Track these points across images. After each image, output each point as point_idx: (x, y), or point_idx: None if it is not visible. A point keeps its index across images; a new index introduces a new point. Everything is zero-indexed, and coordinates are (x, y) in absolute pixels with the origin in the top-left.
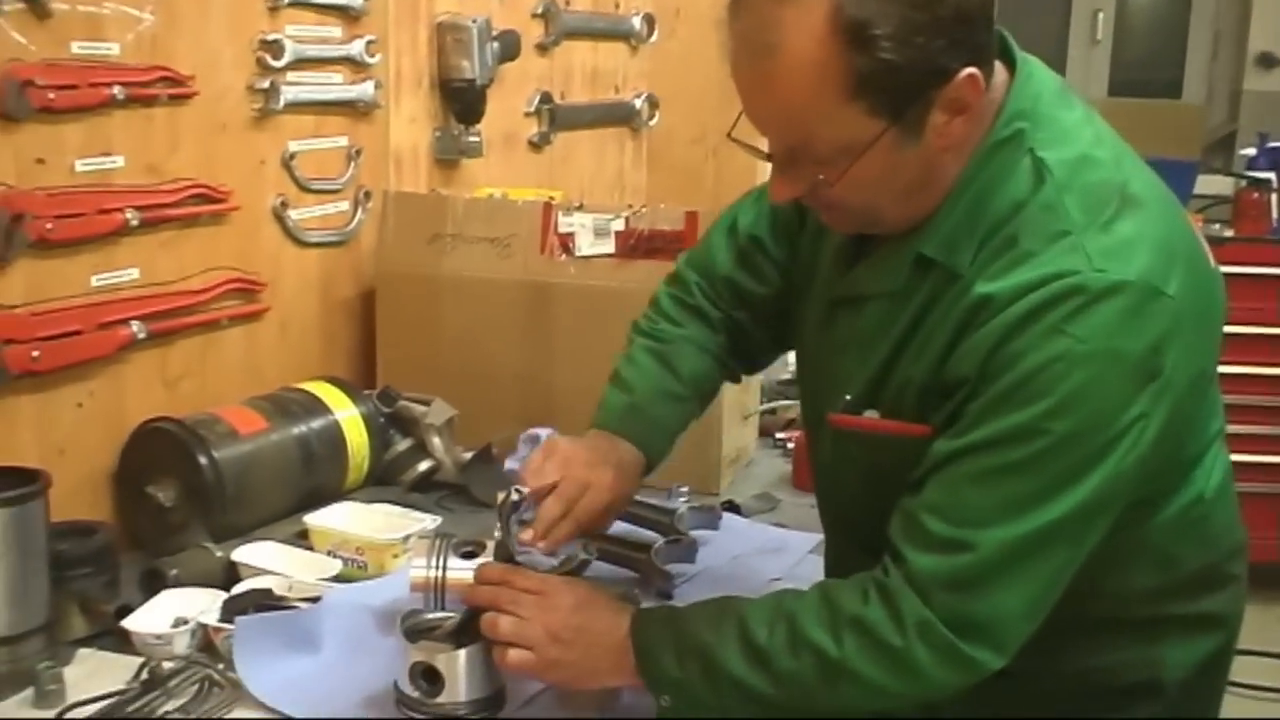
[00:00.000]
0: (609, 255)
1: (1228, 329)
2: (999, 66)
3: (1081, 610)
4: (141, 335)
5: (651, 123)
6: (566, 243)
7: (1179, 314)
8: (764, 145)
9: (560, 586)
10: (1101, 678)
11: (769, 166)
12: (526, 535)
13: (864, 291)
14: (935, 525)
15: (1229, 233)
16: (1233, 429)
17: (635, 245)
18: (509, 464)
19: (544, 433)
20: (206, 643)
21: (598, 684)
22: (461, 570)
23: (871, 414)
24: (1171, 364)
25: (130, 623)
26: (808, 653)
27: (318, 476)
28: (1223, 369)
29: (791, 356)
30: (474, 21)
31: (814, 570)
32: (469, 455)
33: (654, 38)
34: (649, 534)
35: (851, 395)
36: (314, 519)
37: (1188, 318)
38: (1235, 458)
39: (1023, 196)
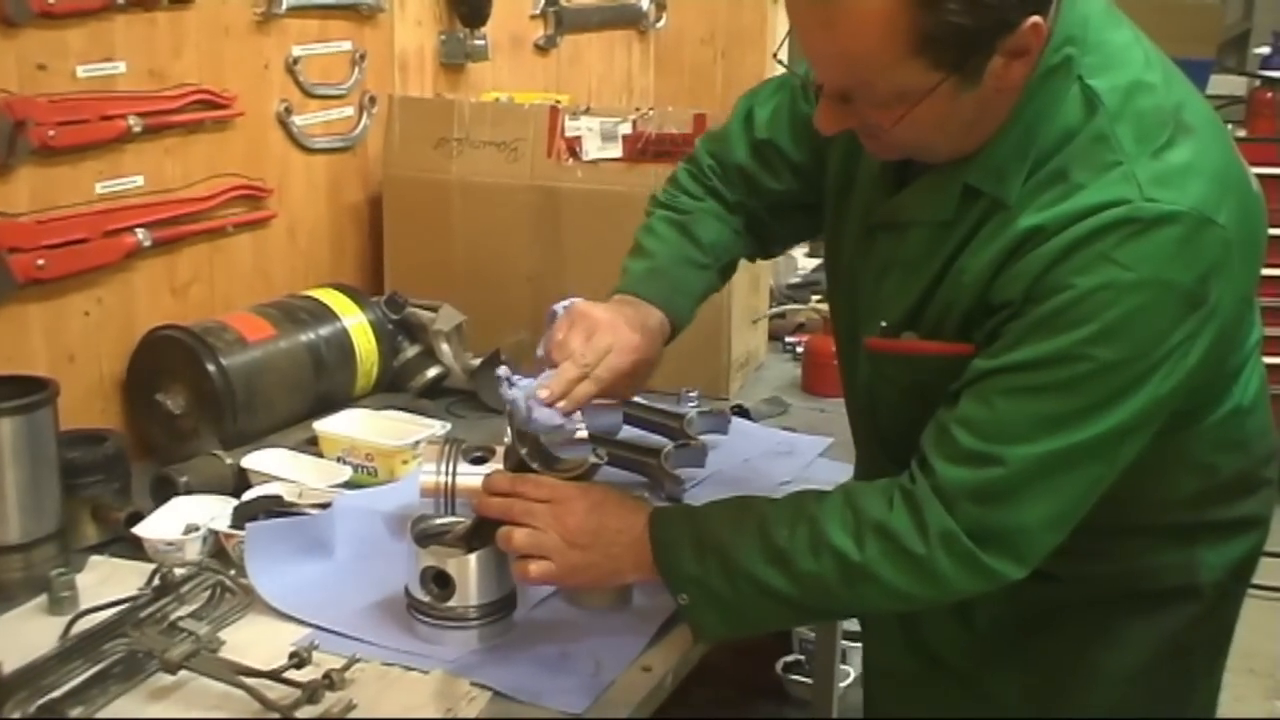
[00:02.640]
0: (616, 159)
1: None
2: None
3: (1122, 515)
4: (147, 243)
5: (659, 24)
6: (574, 146)
7: (1229, 243)
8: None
9: (571, 491)
10: (1141, 581)
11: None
12: (544, 393)
13: (908, 218)
14: (966, 438)
15: (1242, 133)
16: None
17: (643, 149)
18: (539, 350)
19: (564, 305)
20: (218, 549)
21: (619, 581)
22: (471, 475)
23: (910, 335)
24: (1218, 293)
25: (142, 529)
26: (829, 555)
27: (326, 383)
28: None
29: (803, 260)
30: None
31: (824, 473)
32: (478, 361)
33: None
34: (659, 438)
35: (889, 321)
36: (323, 425)
37: (1236, 246)
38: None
39: (1073, 126)
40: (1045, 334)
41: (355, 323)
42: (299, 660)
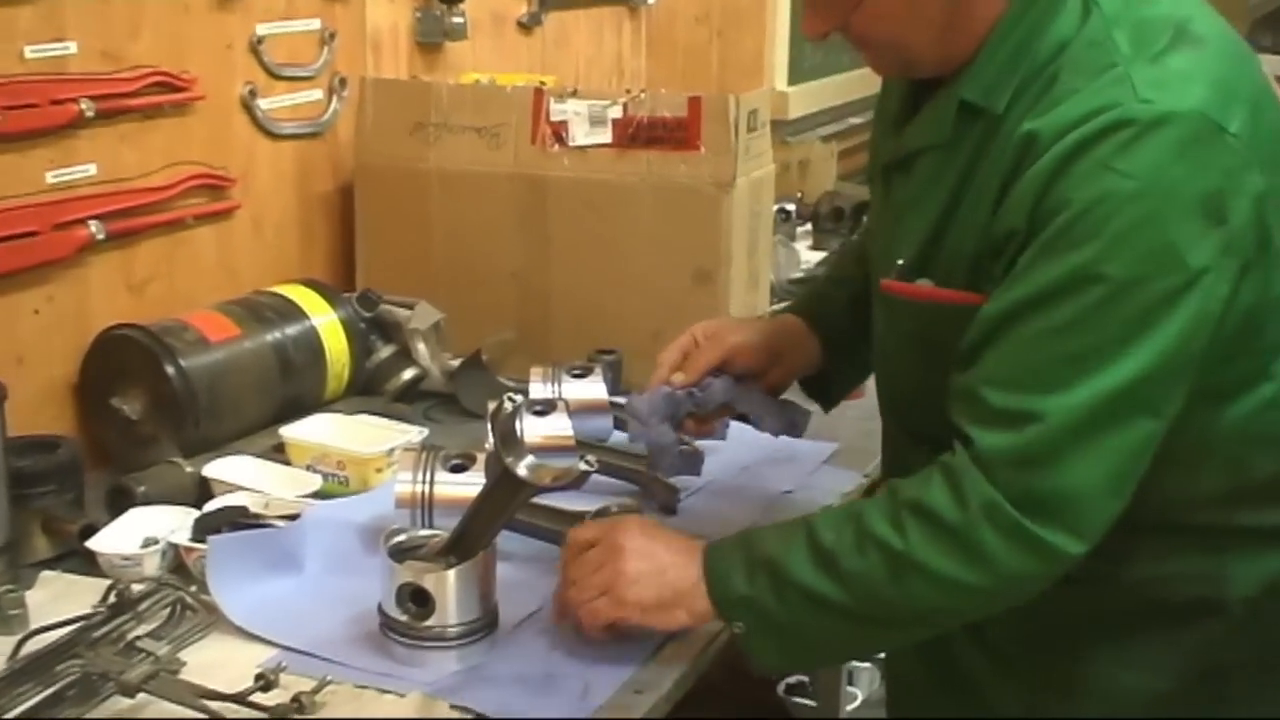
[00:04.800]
0: (606, 145)
1: None
2: None
3: (1143, 511)
4: (101, 236)
5: (651, 1)
6: (560, 132)
7: (1244, 157)
8: None
9: (620, 531)
10: (1161, 590)
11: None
12: (679, 378)
13: (913, 147)
14: (995, 397)
15: None
16: None
17: (634, 134)
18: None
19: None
20: (178, 564)
21: (674, 623)
22: (450, 485)
23: (925, 282)
24: (1239, 213)
25: (96, 543)
26: (873, 548)
27: (295, 386)
28: None
29: (806, 253)
30: None
31: (829, 481)
32: (457, 362)
33: None
34: None
35: (905, 260)
36: (291, 431)
37: (1255, 165)
38: None
39: (1068, 34)
40: (1052, 259)
41: (325, 321)
42: (266, 683)
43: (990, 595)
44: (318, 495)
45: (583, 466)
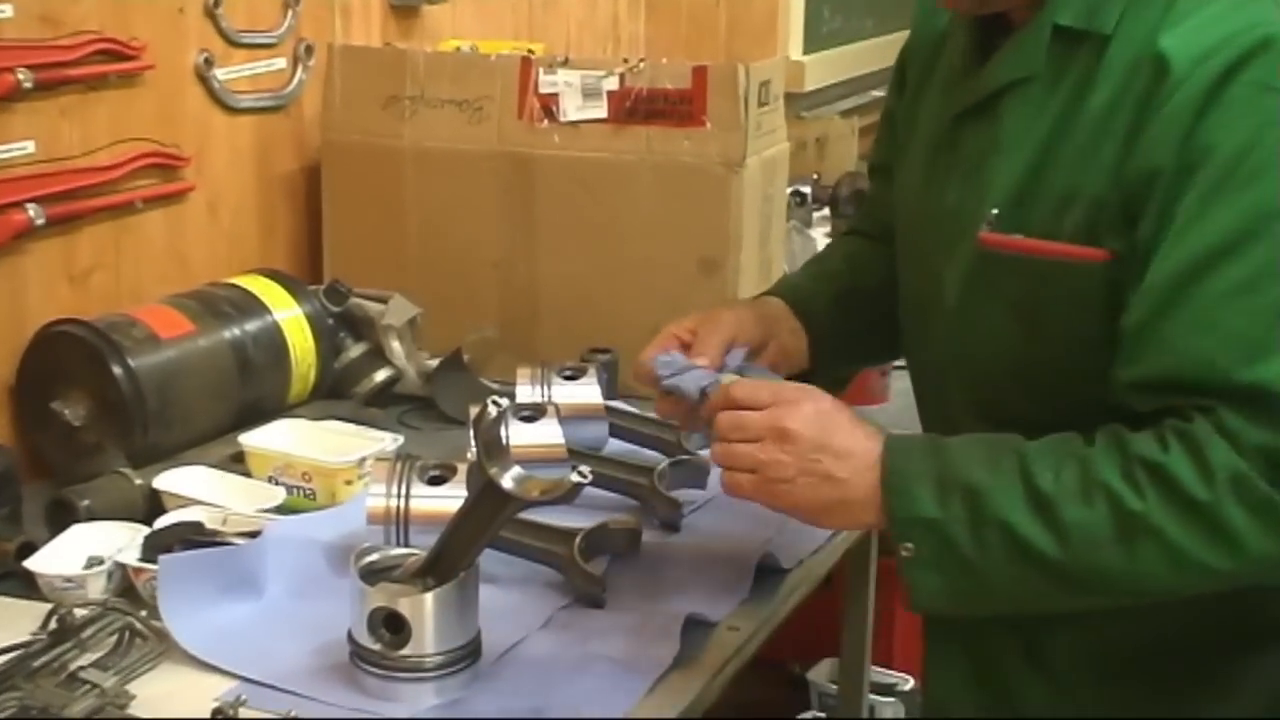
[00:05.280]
0: (601, 120)
1: None
2: None
3: None
4: (40, 221)
5: None
6: (549, 105)
7: None
8: None
9: (796, 394)
10: (1249, 609)
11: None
12: (703, 361)
13: (996, 86)
14: (1222, 367)
15: None
16: None
17: (632, 108)
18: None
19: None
20: (126, 586)
21: (837, 520)
22: (428, 499)
23: (1020, 236)
24: None
25: (35, 563)
26: (1102, 499)
27: (255, 389)
28: None
29: (822, 241)
30: None
31: None
32: (435, 362)
33: None
34: (651, 454)
35: (999, 209)
36: (251, 439)
37: None
38: None
39: None
40: (1222, 203)
41: (289, 317)
42: (223, 718)
43: (1227, 578)
44: (281, 510)
45: (575, 478)
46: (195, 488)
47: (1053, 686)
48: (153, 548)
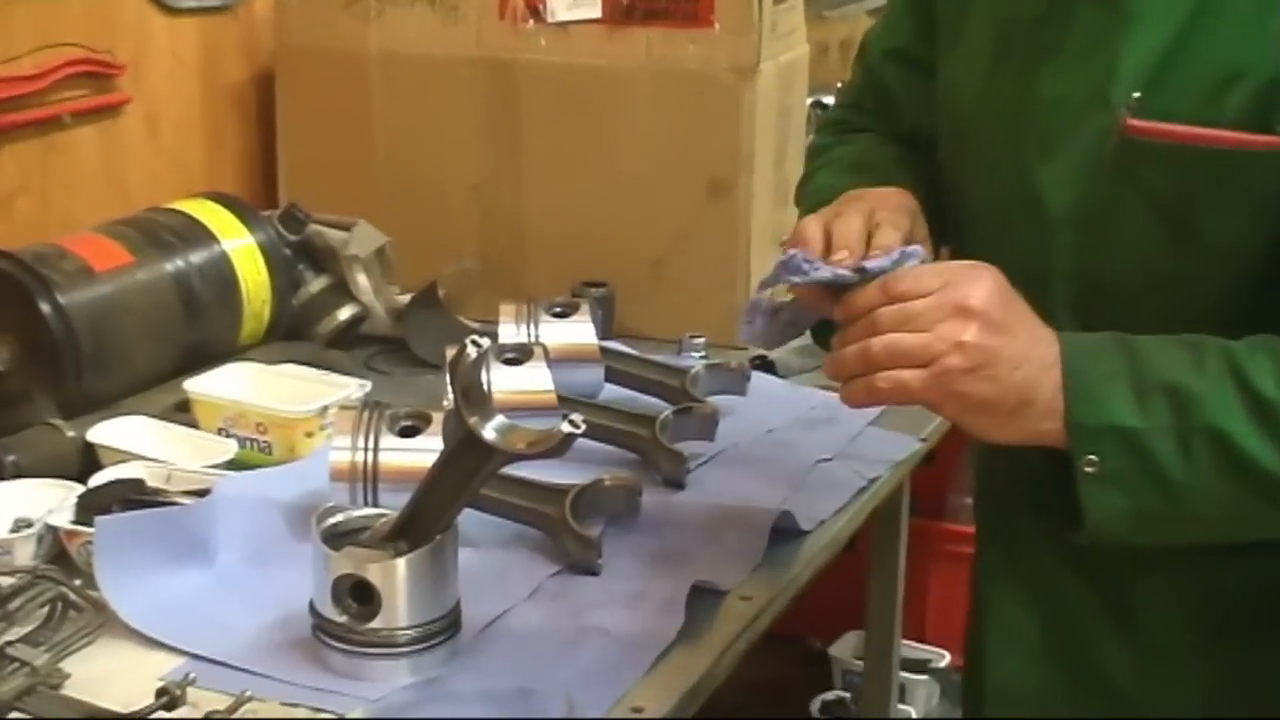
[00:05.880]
0: (594, 20)
1: None
2: None
3: None
4: None
5: None
6: (535, 3)
7: None
8: None
9: (967, 273)
10: None
11: None
12: (841, 256)
13: None
14: None
15: None
16: None
17: (630, 6)
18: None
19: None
20: (58, 551)
21: (1008, 430)
22: (399, 452)
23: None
24: None
25: None
26: None
27: (202, 328)
28: None
29: None
30: None
31: (877, 446)
32: (407, 299)
33: None
34: (653, 402)
35: (1141, 92)
36: (199, 386)
37: None
38: None
39: None
40: None
41: (240, 246)
42: (170, 699)
43: None
44: (232, 466)
45: (566, 429)
46: (135, 441)
47: (1136, 650)
48: (88, 508)
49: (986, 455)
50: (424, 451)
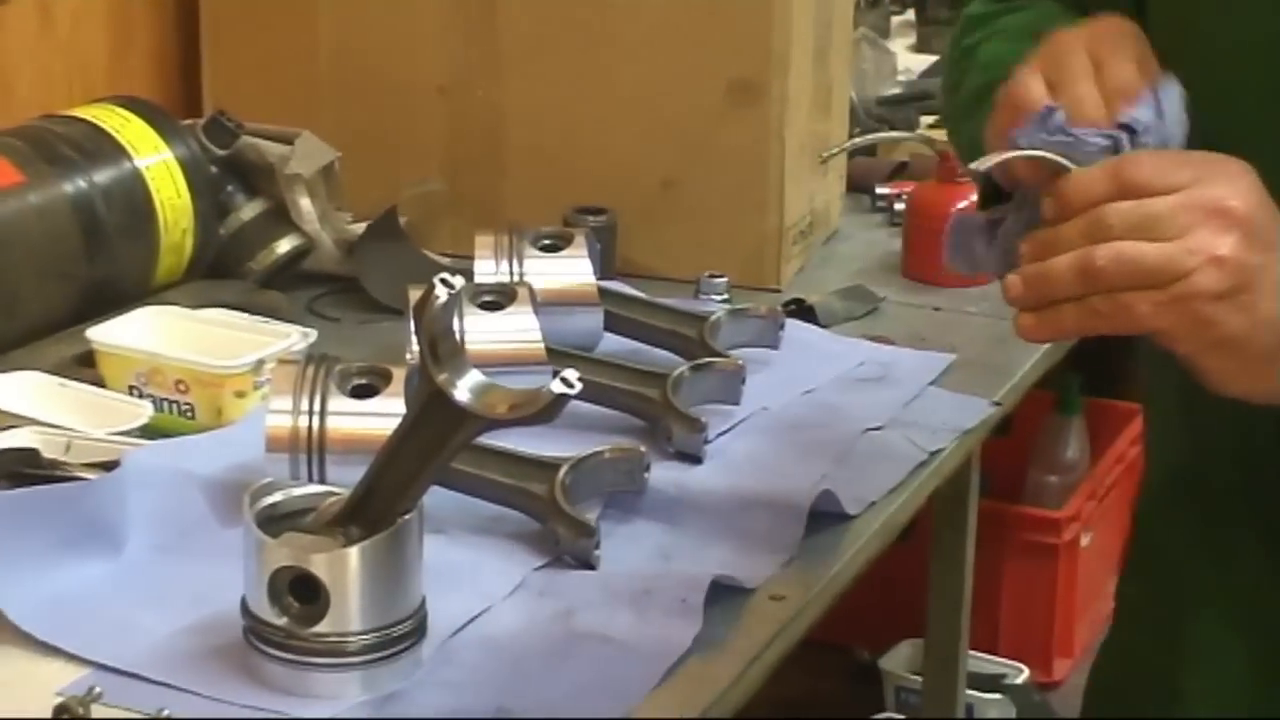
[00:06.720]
0: None
1: None
2: None
3: None
4: None
5: None
6: None
7: None
8: None
9: (1226, 183)
10: None
11: None
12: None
13: None
14: None
15: None
16: None
17: None
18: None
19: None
20: None
21: (1262, 379)
22: (351, 417)
23: None
24: None
25: None
26: None
27: (109, 263)
28: None
29: (906, 57)
30: None
31: (940, 412)
32: (361, 227)
33: None
34: (664, 356)
35: None
36: (104, 334)
37: None
38: None
39: None
40: None
41: (155, 162)
42: (70, 717)
43: None
44: (146, 433)
45: (558, 388)
46: (26, 402)
47: None
48: None
49: (1185, 422)
50: (381, 416)
